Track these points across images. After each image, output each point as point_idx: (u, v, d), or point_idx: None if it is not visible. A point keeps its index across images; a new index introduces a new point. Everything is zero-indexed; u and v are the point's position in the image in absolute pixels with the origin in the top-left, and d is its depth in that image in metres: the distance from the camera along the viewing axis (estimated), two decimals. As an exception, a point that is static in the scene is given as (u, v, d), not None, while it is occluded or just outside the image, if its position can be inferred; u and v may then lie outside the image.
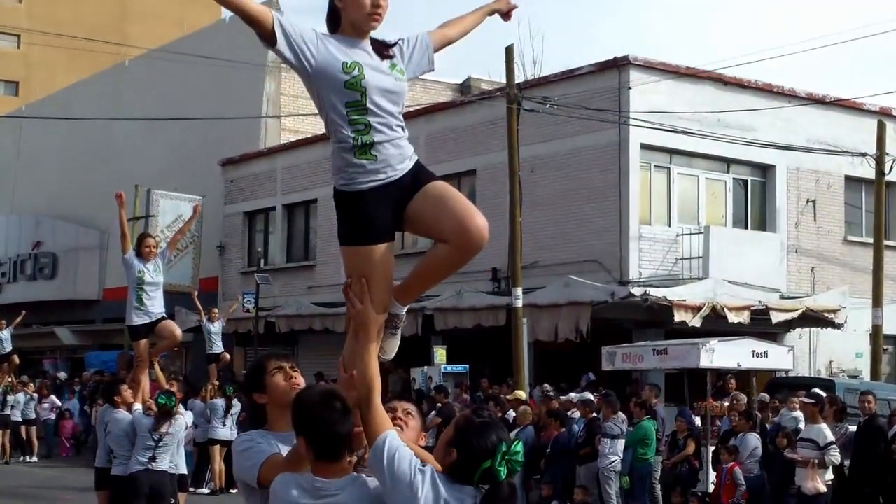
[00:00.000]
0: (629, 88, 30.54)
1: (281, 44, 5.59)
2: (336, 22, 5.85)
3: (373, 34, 5.86)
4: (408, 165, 5.80)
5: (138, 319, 15.93)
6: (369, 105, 5.66)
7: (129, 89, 53.01)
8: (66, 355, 53.44)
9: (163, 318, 16.18)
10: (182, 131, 45.59)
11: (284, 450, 5.68)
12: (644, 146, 30.75)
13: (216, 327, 29.18)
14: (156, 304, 16.00)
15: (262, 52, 45.58)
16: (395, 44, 5.95)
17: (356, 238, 5.71)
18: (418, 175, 5.83)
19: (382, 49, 5.86)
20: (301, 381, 5.99)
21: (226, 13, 60.18)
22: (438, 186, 5.83)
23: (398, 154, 5.77)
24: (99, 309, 52.89)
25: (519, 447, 5.23)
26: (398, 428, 5.64)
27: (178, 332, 16.62)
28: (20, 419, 35.31)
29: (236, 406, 27.11)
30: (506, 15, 6.52)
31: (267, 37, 5.60)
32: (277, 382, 5.96)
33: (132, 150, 51.27)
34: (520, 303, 28.33)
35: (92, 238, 54.34)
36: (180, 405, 16.94)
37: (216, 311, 30.17)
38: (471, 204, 5.77)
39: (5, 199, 61.19)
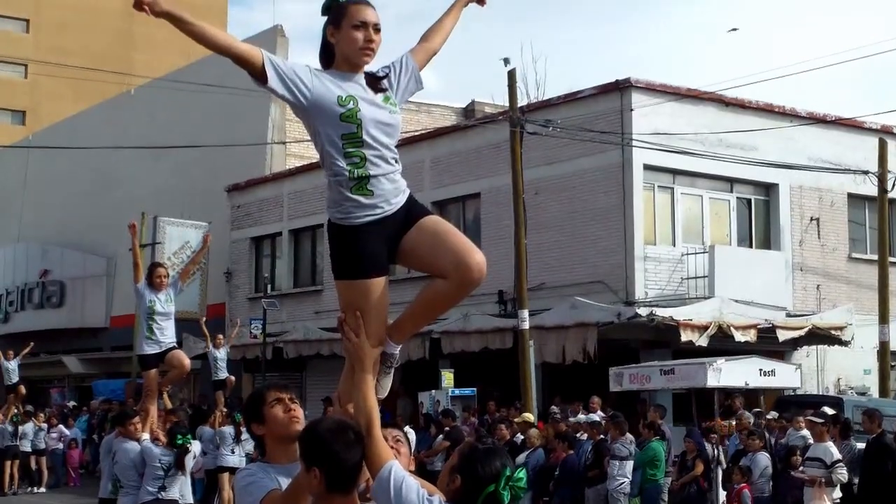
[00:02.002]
0: (631, 110, 30.61)
1: (272, 80, 5.65)
2: (329, 57, 5.93)
3: (365, 68, 5.92)
4: (402, 199, 5.85)
5: (149, 349, 15.98)
6: (365, 137, 5.72)
7: (134, 117, 53.19)
8: (74, 384, 53.49)
9: (173, 348, 16.26)
10: (188, 158, 45.73)
11: (285, 483, 5.68)
12: (647, 167, 30.83)
13: (222, 353, 29.26)
14: (167, 334, 16.06)
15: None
16: (386, 76, 6.01)
17: (352, 272, 5.74)
18: (412, 209, 5.88)
19: (375, 82, 5.92)
20: (300, 413, 5.96)
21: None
22: (434, 221, 5.89)
23: (393, 188, 5.82)
24: (106, 337, 52.96)
25: (522, 473, 5.28)
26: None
27: (187, 362, 16.63)
28: (29, 449, 35.35)
29: (246, 433, 27.06)
30: (480, 0, 6.51)
31: (258, 75, 5.67)
32: (276, 414, 5.92)
33: (138, 178, 51.44)
34: (526, 325, 28.36)
35: (99, 266, 54.47)
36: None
37: (221, 337, 30.25)
38: (468, 239, 5.84)
39: (13, 227, 61.37)
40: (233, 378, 30.08)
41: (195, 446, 16.89)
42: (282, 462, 5.87)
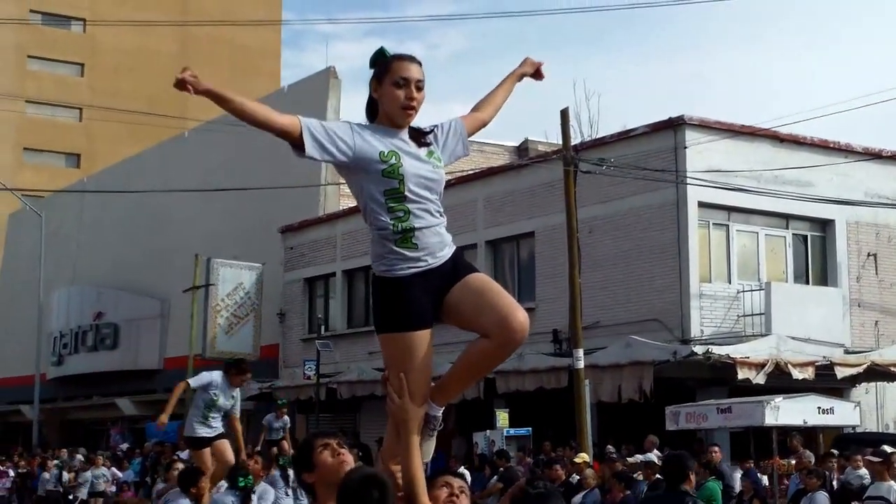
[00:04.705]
0: (685, 148, 30.50)
1: (309, 148, 5.67)
2: (374, 110, 5.93)
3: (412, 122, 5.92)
4: (448, 253, 5.83)
5: (202, 432, 15.94)
6: (407, 193, 5.71)
7: (188, 159, 53.45)
8: (128, 426, 53.54)
9: (221, 435, 16.22)
10: (241, 199, 45.89)
11: None
12: (702, 204, 30.68)
13: (278, 424, 28.42)
14: (217, 424, 16.11)
15: (321, 119, 45.90)
16: (432, 131, 6.00)
17: (395, 325, 5.71)
18: (458, 265, 5.86)
19: (420, 137, 5.91)
20: (349, 458, 5.89)
21: (285, 82, 60.56)
22: (479, 279, 5.85)
23: (438, 242, 5.81)
24: (160, 379, 52.97)
25: None
26: None
27: (231, 457, 16.44)
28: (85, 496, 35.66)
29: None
30: (536, 74, 6.54)
31: (297, 144, 5.68)
32: (325, 459, 5.85)
33: (192, 220, 51.67)
34: (581, 364, 28.15)
35: (153, 308, 54.65)
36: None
37: (285, 410, 29.33)
38: (512, 298, 5.79)
39: (67, 270, 61.73)
40: (287, 446, 29.35)
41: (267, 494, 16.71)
42: None
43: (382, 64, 5.87)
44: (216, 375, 16.01)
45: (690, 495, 7.67)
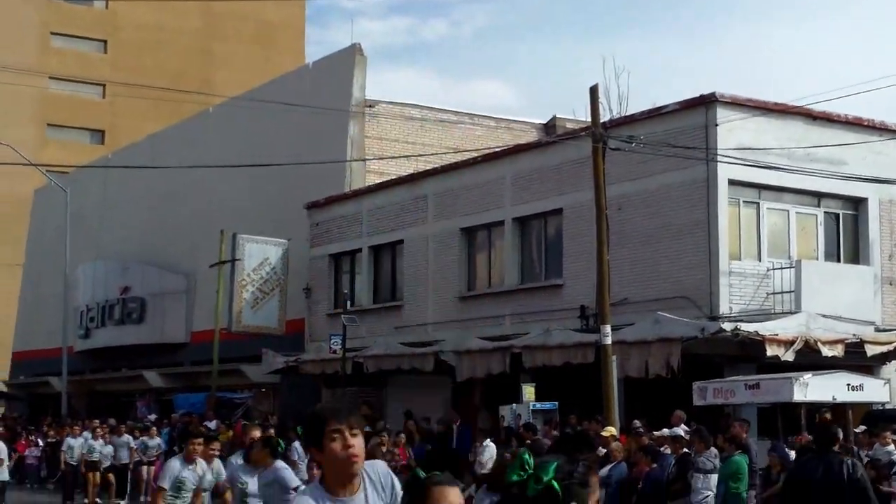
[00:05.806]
0: (716, 125, 30.35)
1: None
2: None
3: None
4: None
5: None
6: None
7: (213, 135, 53.51)
8: (155, 397, 53.77)
9: None
10: (267, 175, 45.90)
11: None
12: (732, 182, 30.54)
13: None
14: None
15: (346, 96, 46.04)
16: None
17: None
18: None
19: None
20: (359, 447, 5.86)
21: (310, 58, 60.53)
22: None
23: None
24: (186, 352, 53.29)
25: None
26: None
27: None
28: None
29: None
30: None
31: None
32: (335, 449, 5.81)
33: (217, 196, 51.78)
34: (608, 340, 28.13)
35: (178, 282, 54.87)
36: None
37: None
38: None
39: (93, 245, 61.96)
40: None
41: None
42: (339, 494, 5.87)
43: (418, 488, 5.32)
44: (235, 460, 14.60)
45: (845, 455, 7.72)
